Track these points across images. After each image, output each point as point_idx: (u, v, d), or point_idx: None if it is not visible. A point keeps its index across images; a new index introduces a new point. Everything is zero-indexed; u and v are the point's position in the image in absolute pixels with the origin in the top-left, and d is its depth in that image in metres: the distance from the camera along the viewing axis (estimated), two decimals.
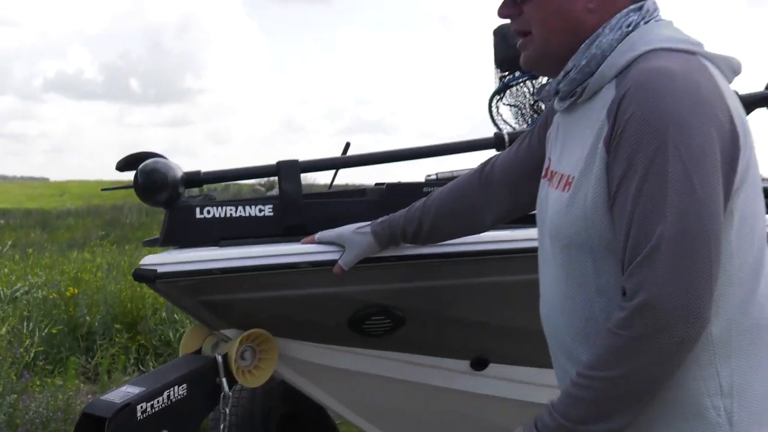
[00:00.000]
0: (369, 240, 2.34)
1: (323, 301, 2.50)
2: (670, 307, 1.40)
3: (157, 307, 6.89)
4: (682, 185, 1.41)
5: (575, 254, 1.61)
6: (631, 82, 1.49)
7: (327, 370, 2.68)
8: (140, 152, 2.55)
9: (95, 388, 5.84)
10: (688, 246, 1.41)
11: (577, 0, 1.63)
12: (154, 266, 2.31)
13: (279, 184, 2.56)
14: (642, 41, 1.56)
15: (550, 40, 1.67)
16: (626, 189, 1.45)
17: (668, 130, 1.41)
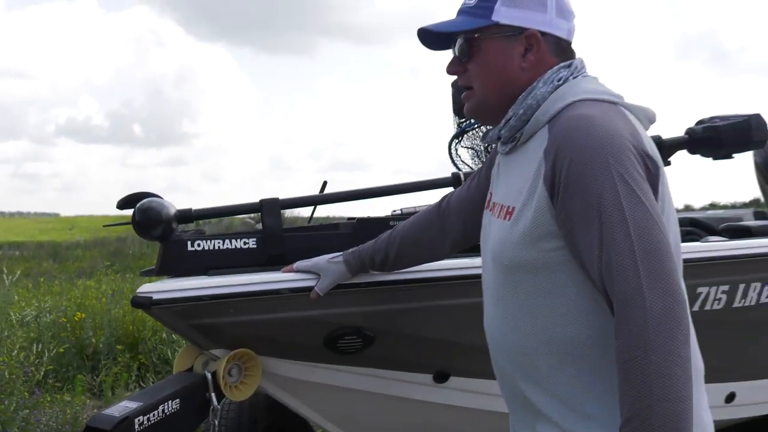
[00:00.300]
0: (342, 268, 2.38)
1: (301, 323, 2.50)
2: (662, 306, 1.38)
3: (156, 329, 6.83)
4: (634, 205, 1.44)
5: (516, 275, 1.64)
6: (562, 128, 1.54)
7: (306, 385, 2.68)
8: (138, 192, 2.56)
9: (100, 403, 5.78)
10: (658, 255, 1.42)
11: (513, 61, 1.69)
12: (150, 294, 2.33)
13: (261, 219, 2.59)
14: (570, 93, 1.63)
15: (489, 94, 1.72)
16: (588, 228, 1.47)
17: (608, 161, 1.46)
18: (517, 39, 1.69)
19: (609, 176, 1.45)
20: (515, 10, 1.69)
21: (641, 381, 1.36)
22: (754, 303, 3.16)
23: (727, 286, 3.04)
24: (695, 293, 2.96)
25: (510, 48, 1.69)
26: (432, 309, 2.62)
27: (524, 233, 1.59)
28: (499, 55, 1.70)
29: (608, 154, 1.47)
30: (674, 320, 1.38)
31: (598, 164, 1.46)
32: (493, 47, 1.70)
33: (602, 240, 1.45)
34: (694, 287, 2.95)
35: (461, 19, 1.74)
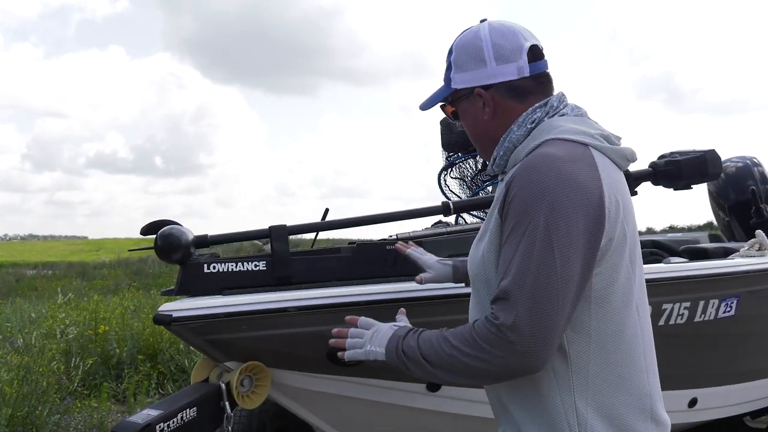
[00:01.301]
0: (448, 270, 2.31)
1: (306, 338, 2.46)
2: (520, 341, 1.43)
3: (173, 341, 6.78)
4: (545, 251, 1.45)
5: (476, 286, 1.70)
6: (523, 164, 1.56)
7: (311, 394, 2.64)
8: (160, 220, 2.54)
9: (124, 409, 5.73)
10: (540, 301, 1.44)
11: (478, 115, 1.76)
12: (170, 312, 2.31)
13: (270, 244, 2.57)
14: (547, 130, 1.63)
15: (478, 143, 1.83)
16: (508, 247, 1.51)
17: (542, 205, 1.46)
18: (472, 98, 1.74)
19: (536, 219, 1.47)
20: (463, 74, 1.75)
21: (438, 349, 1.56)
22: (713, 318, 3.15)
23: (689, 302, 3.03)
24: (660, 309, 2.93)
25: (472, 106, 1.76)
26: (426, 324, 2.56)
27: (483, 254, 1.64)
28: (469, 114, 1.78)
29: (547, 200, 1.47)
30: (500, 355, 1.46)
31: (535, 205, 1.47)
32: (462, 108, 1.80)
33: (507, 272, 1.48)
34: (660, 304, 2.93)
35: (439, 89, 1.84)
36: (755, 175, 4.85)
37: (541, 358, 1.45)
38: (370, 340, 1.75)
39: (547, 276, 1.44)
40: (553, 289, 1.44)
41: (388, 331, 1.74)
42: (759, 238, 3.45)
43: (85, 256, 34.83)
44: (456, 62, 1.76)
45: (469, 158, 3.72)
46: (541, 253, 1.44)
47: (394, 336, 1.70)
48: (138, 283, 17.21)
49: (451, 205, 2.89)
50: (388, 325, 1.79)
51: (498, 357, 1.46)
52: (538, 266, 1.44)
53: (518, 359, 1.45)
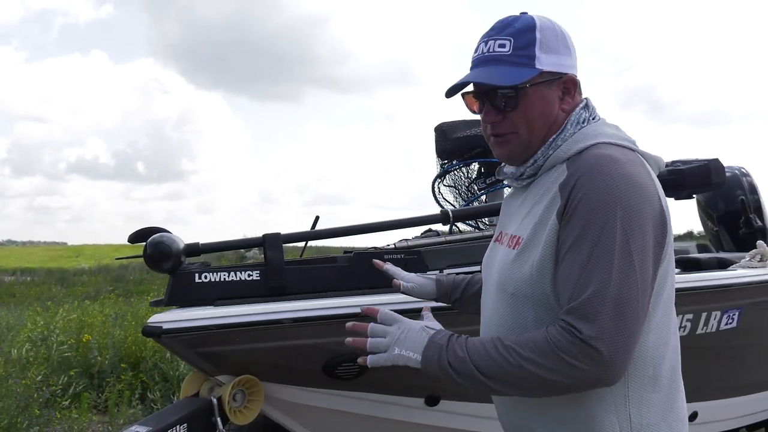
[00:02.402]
0: (431, 285, 2.08)
1: (301, 351, 2.37)
2: (606, 352, 1.34)
3: (157, 350, 6.64)
4: (625, 259, 1.37)
5: (518, 303, 1.53)
6: (584, 166, 1.46)
7: (305, 409, 2.54)
8: (148, 227, 2.43)
9: (105, 419, 5.58)
10: (623, 310, 1.36)
11: (554, 105, 1.59)
12: (160, 324, 2.20)
13: (264, 253, 2.46)
14: (593, 134, 1.55)
15: (534, 139, 1.60)
16: (577, 253, 1.40)
17: (617, 210, 1.38)
18: (555, 84, 1.59)
19: (613, 224, 1.38)
20: (552, 56, 1.58)
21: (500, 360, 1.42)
22: (715, 330, 3.08)
23: (692, 314, 2.97)
24: None
25: (551, 93, 1.59)
26: None
27: (532, 265, 1.49)
28: (544, 102, 1.58)
29: (618, 204, 1.39)
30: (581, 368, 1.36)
31: (605, 209, 1.39)
32: (537, 95, 1.58)
33: (582, 283, 1.38)
34: None
35: (504, 70, 1.57)
36: (744, 185, 4.83)
37: (623, 369, 1.39)
38: (398, 342, 1.56)
39: (628, 285, 1.37)
40: (634, 298, 1.38)
41: (422, 334, 1.55)
42: (760, 249, 3.39)
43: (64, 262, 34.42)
44: (544, 42, 1.57)
45: (463, 166, 3.64)
46: (621, 260, 1.37)
47: (433, 343, 1.52)
48: (119, 290, 17.01)
49: (450, 214, 2.81)
50: (417, 324, 1.59)
51: (580, 370, 1.36)
52: (620, 275, 1.37)
53: (602, 371, 1.36)
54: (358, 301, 2.39)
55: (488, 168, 3.53)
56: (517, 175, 1.66)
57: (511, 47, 1.56)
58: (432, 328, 1.58)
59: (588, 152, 1.51)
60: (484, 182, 3.52)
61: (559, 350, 1.36)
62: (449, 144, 3.57)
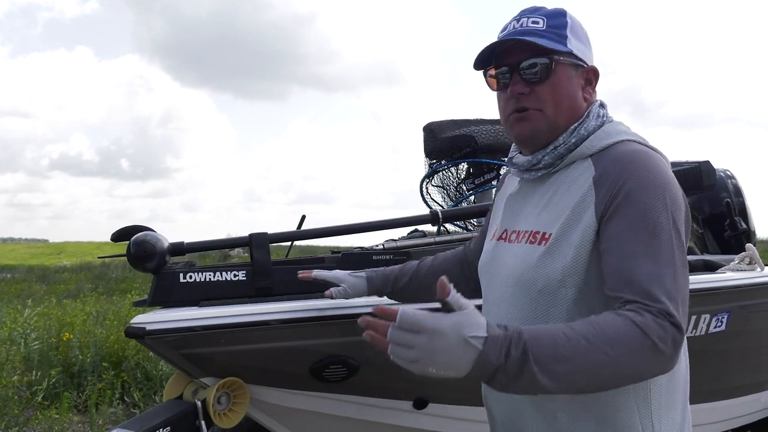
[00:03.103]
0: (362, 283, 2.08)
1: (288, 353, 2.32)
2: (681, 336, 1.31)
3: (139, 349, 6.54)
4: (681, 255, 1.39)
5: (547, 299, 1.48)
6: (623, 160, 1.46)
7: (292, 412, 2.49)
8: (132, 225, 2.37)
9: (85, 419, 5.48)
10: (686, 301, 1.38)
11: (578, 90, 1.60)
12: (144, 325, 2.14)
13: (250, 252, 2.42)
14: (615, 132, 1.56)
15: (560, 117, 1.57)
16: (633, 245, 1.37)
17: (666, 198, 1.40)
18: (579, 71, 1.60)
19: (666, 214, 1.39)
20: (580, 43, 1.60)
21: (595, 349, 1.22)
22: (704, 333, 3.07)
23: None
24: None
25: (575, 78, 1.59)
26: None
27: (565, 260, 1.45)
28: (571, 83, 1.58)
29: (667, 193, 1.41)
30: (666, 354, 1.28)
31: (657, 198, 1.39)
32: (566, 74, 1.57)
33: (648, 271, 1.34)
34: None
35: (540, 40, 1.54)
36: (729, 188, 4.84)
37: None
38: (432, 361, 1.16)
39: (684, 275, 1.38)
40: (687, 287, 1.40)
41: (465, 351, 1.17)
42: (749, 251, 3.37)
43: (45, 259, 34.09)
44: (573, 29, 1.59)
45: (451, 166, 3.60)
46: (679, 252, 1.38)
47: (484, 364, 1.18)
48: (101, 288, 16.83)
49: (440, 214, 2.77)
50: (455, 333, 1.16)
51: (668, 358, 1.29)
52: (679, 265, 1.37)
53: (676, 356, 1.31)
54: (347, 302, 2.33)
55: (477, 168, 3.50)
56: (533, 163, 1.61)
57: (545, 25, 1.57)
58: (476, 335, 1.17)
59: (616, 148, 1.51)
60: (472, 182, 3.48)
61: (660, 341, 1.26)
62: (438, 144, 3.53)
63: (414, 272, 2.08)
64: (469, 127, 3.48)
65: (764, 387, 3.76)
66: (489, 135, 3.42)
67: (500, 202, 1.82)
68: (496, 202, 1.86)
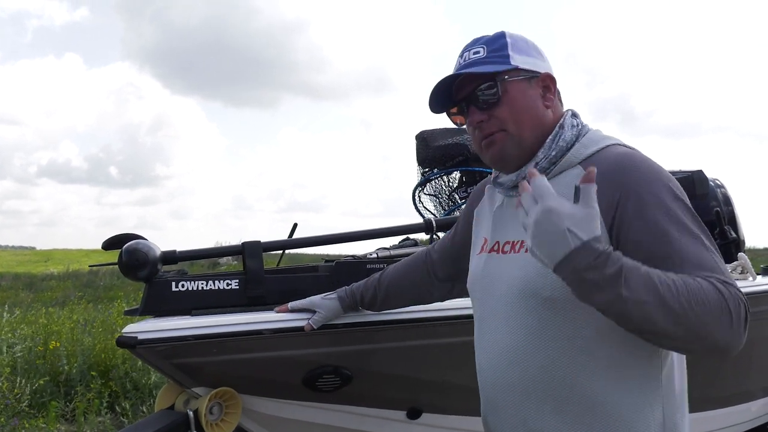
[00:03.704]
0: (335, 305, 2.24)
1: (281, 363, 2.30)
2: (748, 313, 1.31)
3: (128, 357, 6.49)
4: (699, 225, 1.41)
5: (555, 306, 1.47)
6: (618, 162, 1.46)
7: (285, 422, 2.46)
8: (123, 233, 2.34)
9: (73, 429, 5.42)
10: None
11: (536, 100, 1.60)
12: (135, 334, 2.12)
13: (243, 261, 2.39)
14: (600, 138, 1.57)
15: (524, 133, 1.58)
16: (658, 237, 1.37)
17: (671, 186, 1.42)
18: (534, 81, 1.61)
19: (678, 202, 1.40)
20: (525, 56, 1.62)
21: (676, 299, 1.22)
22: None
23: None
24: None
25: (531, 90, 1.60)
26: (407, 349, 2.45)
27: None
28: (526, 97, 1.59)
29: (671, 184, 1.43)
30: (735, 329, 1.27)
31: (666, 192, 1.41)
32: (517, 89, 1.59)
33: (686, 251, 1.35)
34: None
35: (480, 67, 1.59)
36: (719, 197, 4.83)
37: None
38: (535, 231, 1.26)
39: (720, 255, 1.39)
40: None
41: (561, 237, 1.22)
42: (741, 261, 3.38)
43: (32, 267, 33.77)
44: (515, 45, 1.61)
45: (444, 175, 3.59)
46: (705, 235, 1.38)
47: (571, 262, 1.22)
48: (88, 295, 16.70)
49: (433, 222, 2.76)
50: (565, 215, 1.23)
51: (737, 333, 1.27)
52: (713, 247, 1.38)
53: (744, 335, 1.30)
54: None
55: (470, 177, 3.49)
56: (517, 182, 1.60)
57: (486, 52, 1.61)
58: (577, 234, 1.21)
59: (606, 152, 1.52)
60: (465, 191, 3.48)
61: (732, 306, 1.27)
62: (431, 152, 3.53)
63: (376, 285, 2.19)
64: (462, 135, 3.48)
65: (755, 396, 3.76)
66: None
67: (484, 214, 1.80)
68: (477, 214, 1.84)
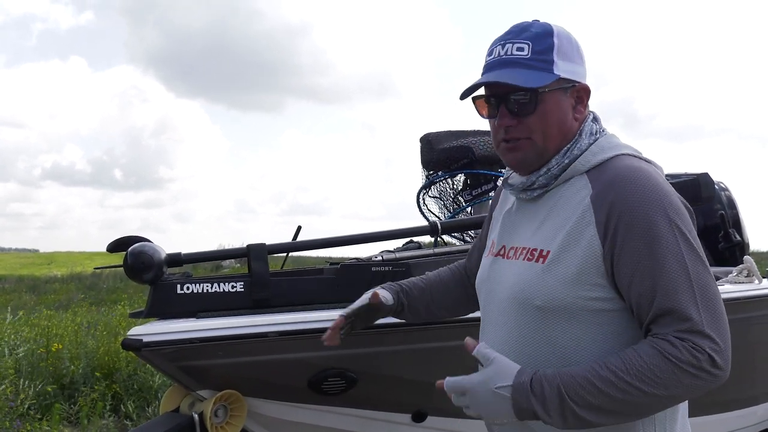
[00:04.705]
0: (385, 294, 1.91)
1: (287, 366, 2.30)
2: (718, 346, 1.33)
3: (131, 359, 6.48)
4: (693, 258, 1.38)
5: (545, 315, 1.47)
6: (619, 177, 1.45)
7: (289, 425, 2.46)
8: (128, 236, 2.34)
9: (76, 431, 5.42)
10: (717, 305, 1.37)
11: (568, 112, 1.56)
12: (140, 336, 2.12)
13: (248, 263, 2.39)
14: (608, 147, 1.54)
15: (549, 144, 1.55)
16: (647, 262, 1.38)
17: (665, 207, 1.39)
18: (569, 92, 1.56)
19: (669, 225, 1.38)
20: (569, 63, 1.55)
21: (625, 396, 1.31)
22: None
23: None
24: None
25: (565, 101, 1.56)
26: (411, 352, 2.44)
27: (565, 278, 1.44)
28: (559, 108, 1.55)
29: (666, 205, 1.39)
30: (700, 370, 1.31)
31: (658, 213, 1.38)
32: (553, 100, 1.54)
33: (663, 287, 1.35)
34: None
35: (524, 72, 1.52)
36: (723, 200, 4.83)
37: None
38: (483, 412, 1.40)
39: (704, 276, 1.38)
40: (718, 295, 1.38)
41: (495, 398, 1.37)
42: (747, 264, 3.37)
43: (35, 269, 33.81)
44: (561, 49, 1.54)
45: (449, 177, 3.58)
46: (690, 256, 1.37)
47: (520, 407, 1.36)
48: (91, 298, 16.71)
49: (439, 225, 2.75)
50: (483, 383, 1.39)
51: (713, 375, 1.32)
52: (694, 270, 1.37)
53: (724, 375, 1.35)
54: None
55: (474, 179, 3.49)
56: (527, 185, 1.59)
57: (530, 51, 1.53)
58: (501, 385, 1.37)
59: (612, 164, 1.50)
60: (470, 194, 3.47)
61: (692, 368, 1.31)
62: (435, 155, 3.52)
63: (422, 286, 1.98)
64: (467, 138, 3.47)
65: (760, 400, 3.75)
66: (486, 146, 3.42)
67: (497, 216, 1.79)
68: (494, 216, 1.84)
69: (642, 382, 1.30)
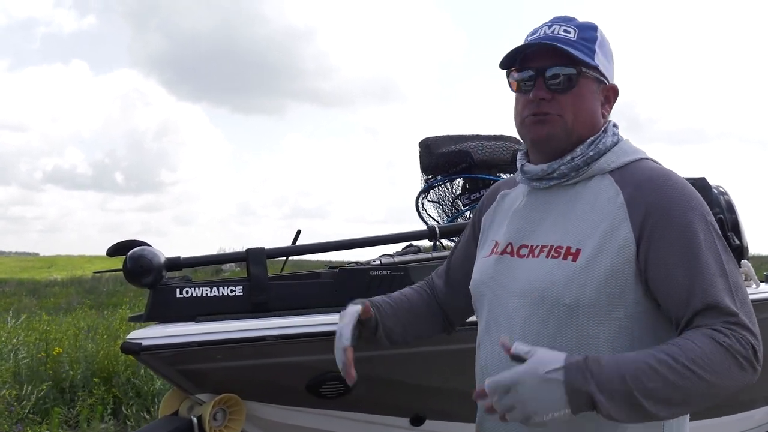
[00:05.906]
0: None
1: (285, 369, 2.31)
2: (759, 343, 1.35)
3: (130, 364, 6.49)
4: (723, 247, 1.42)
5: (573, 314, 1.45)
6: (652, 178, 1.49)
7: (288, 428, 2.48)
8: (128, 240, 2.35)
9: None
10: (749, 307, 1.38)
11: (598, 105, 1.59)
12: (140, 340, 2.14)
13: (247, 267, 2.41)
14: (631, 150, 1.58)
15: (578, 126, 1.56)
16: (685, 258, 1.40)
17: (701, 209, 1.44)
18: (600, 88, 1.59)
19: (705, 225, 1.42)
20: (606, 60, 1.60)
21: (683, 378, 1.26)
22: None
23: None
24: None
25: (596, 94, 1.59)
26: (410, 355, 2.43)
27: (599, 277, 1.44)
28: (592, 97, 1.58)
29: (700, 205, 1.44)
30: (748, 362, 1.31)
31: (695, 213, 1.42)
32: (588, 87, 1.57)
33: (705, 283, 1.37)
34: None
35: (570, 50, 1.53)
36: (722, 204, 4.81)
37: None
38: (530, 408, 1.26)
39: (741, 279, 1.42)
40: (747, 293, 1.41)
41: (547, 385, 1.26)
42: (745, 268, 3.37)
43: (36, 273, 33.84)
44: (602, 45, 1.59)
45: (448, 181, 3.59)
46: (727, 258, 1.41)
47: (574, 389, 1.25)
48: (91, 301, 16.72)
49: (437, 229, 2.76)
50: (530, 371, 1.28)
51: (753, 371, 1.33)
52: (732, 271, 1.40)
53: (758, 372, 1.34)
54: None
55: (473, 184, 3.49)
56: (548, 172, 1.58)
57: (576, 36, 1.56)
58: (552, 368, 1.27)
59: (637, 166, 1.53)
60: (468, 198, 3.48)
61: (737, 354, 1.30)
62: (434, 159, 3.53)
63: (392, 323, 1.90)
64: (466, 142, 3.47)
65: (758, 404, 3.75)
66: (485, 151, 3.42)
67: (491, 218, 1.77)
68: (490, 220, 1.79)
69: (700, 367, 1.27)
